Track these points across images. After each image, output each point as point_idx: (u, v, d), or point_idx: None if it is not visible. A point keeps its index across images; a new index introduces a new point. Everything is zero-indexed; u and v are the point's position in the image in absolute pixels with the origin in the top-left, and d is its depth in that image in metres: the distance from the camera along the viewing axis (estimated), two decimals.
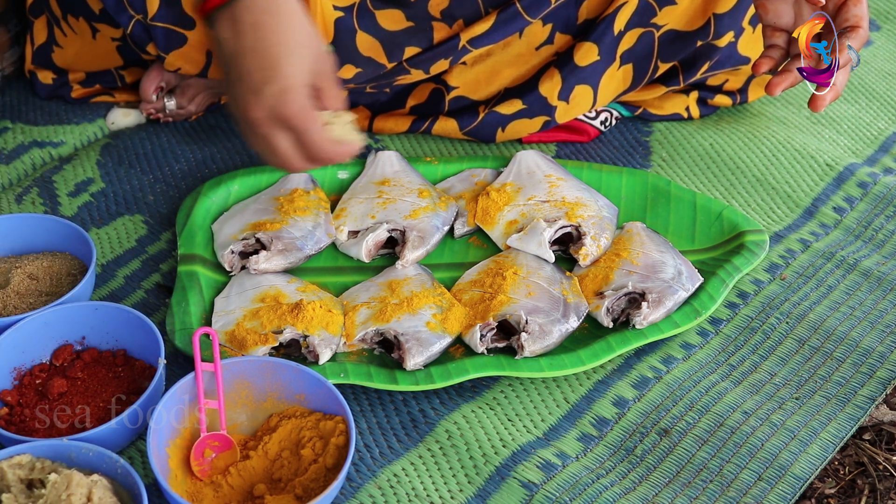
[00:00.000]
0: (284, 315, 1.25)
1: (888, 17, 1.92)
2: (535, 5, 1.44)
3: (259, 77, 1.12)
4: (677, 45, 1.51)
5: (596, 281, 1.33)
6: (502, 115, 1.53)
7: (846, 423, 1.21)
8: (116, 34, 1.52)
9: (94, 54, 1.57)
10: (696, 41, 1.50)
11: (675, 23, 1.49)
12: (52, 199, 1.49)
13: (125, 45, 1.53)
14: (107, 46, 1.54)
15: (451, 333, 1.27)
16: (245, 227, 1.38)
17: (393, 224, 1.38)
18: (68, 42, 1.56)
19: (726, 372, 1.27)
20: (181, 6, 1.40)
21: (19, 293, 1.27)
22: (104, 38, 1.53)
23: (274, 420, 1.16)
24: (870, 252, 1.43)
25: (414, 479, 1.15)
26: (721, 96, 1.63)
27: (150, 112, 1.59)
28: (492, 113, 1.53)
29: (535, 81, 1.52)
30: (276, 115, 1.13)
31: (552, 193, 1.42)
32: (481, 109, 1.53)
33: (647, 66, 1.52)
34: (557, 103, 1.52)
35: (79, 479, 1.02)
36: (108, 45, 1.54)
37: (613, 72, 1.51)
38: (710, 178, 1.54)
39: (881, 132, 1.65)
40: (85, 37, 1.54)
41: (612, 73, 1.51)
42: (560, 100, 1.51)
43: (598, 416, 1.22)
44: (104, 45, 1.54)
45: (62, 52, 1.58)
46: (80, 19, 1.52)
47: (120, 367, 1.22)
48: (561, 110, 1.53)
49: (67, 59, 1.59)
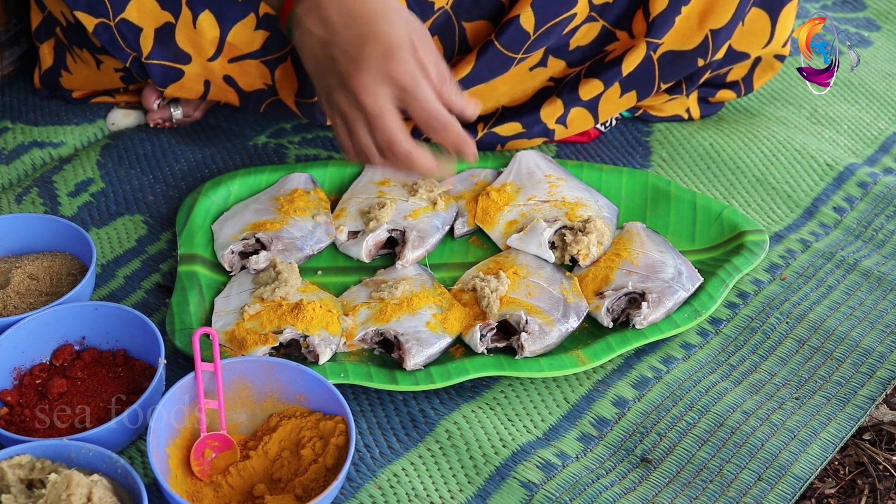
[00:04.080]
0: (284, 315, 1.25)
1: (888, 17, 1.92)
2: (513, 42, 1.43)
3: (358, 44, 1.07)
4: (676, 65, 1.49)
5: (596, 281, 1.33)
6: (501, 135, 1.53)
7: (846, 423, 1.21)
8: (119, 65, 1.53)
9: (99, 82, 1.58)
10: (697, 59, 1.48)
11: (672, 42, 1.47)
12: (52, 199, 1.49)
13: (128, 73, 1.54)
14: (111, 76, 1.56)
15: (451, 333, 1.27)
16: (245, 227, 1.38)
17: (393, 224, 1.38)
18: (77, 69, 1.58)
19: (726, 372, 1.27)
20: (175, 44, 1.41)
21: (19, 293, 1.27)
22: (108, 69, 1.55)
23: (274, 420, 1.16)
24: (870, 252, 1.43)
25: (414, 479, 1.15)
26: (724, 91, 1.62)
27: (157, 122, 1.60)
28: (490, 133, 1.53)
29: (535, 106, 1.52)
30: (382, 75, 1.07)
31: (552, 193, 1.42)
32: (480, 128, 1.53)
33: (649, 89, 1.51)
34: (556, 126, 1.52)
35: (79, 479, 1.02)
36: (112, 74, 1.55)
37: (615, 98, 1.51)
38: (710, 178, 1.54)
39: (881, 132, 1.65)
40: (90, 66, 1.56)
41: (614, 99, 1.51)
42: (558, 123, 1.52)
43: (598, 416, 1.22)
44: (108, 73, 1.56)
45: (71, 78, 1.59)
46: (84, 51, 1.53)
47: (120, 367, 1.22)
48: (559, 132, 1.53)
49: (75, 84, 1.60)
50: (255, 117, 1.63)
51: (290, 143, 1.59)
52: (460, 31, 1.45)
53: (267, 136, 1.61)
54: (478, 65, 1.44)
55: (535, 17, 1.41)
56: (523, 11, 1.40)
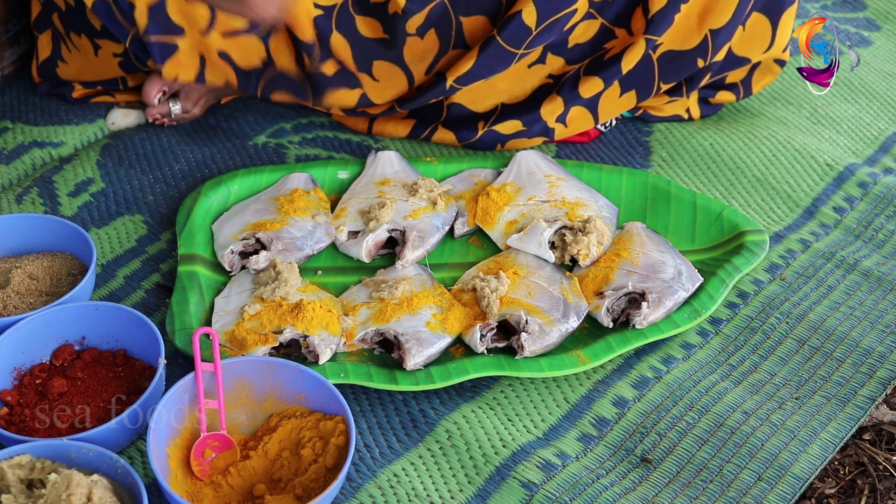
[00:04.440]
0: (284, 315, 1.25)
1: (888, 17, 1.92)
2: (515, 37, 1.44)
3: None
4: (677, 64, 1.49)
5: (596, 281, 1.33)
6: (501, 133, 1.54)
7: (846, 423, 1.21)
8: (118, 49, 1.53)
9: (96, 70, 1.59)
10: (697, 60, 1.49)
11: (671, 42, 1.48)
12: (52, 199, 1.49)
13: (127, 59, 1.54)
14: (109, 62, 1.56)
15: (451, 333, 1.27)
16: (245, 227, 1.38)
17: (393, 224, 1.38)
18: (72, 58, 1.58)
19: (726, 372, 1.27)
20: (167, 16, 1.42)
21: (19, 293, 1.27)
22: (106, 54, 1.55)
23: (274, 420, 1.16)
24: (870, 252, 1.43)
25: (414, 479, 1.15)
26: (723, 93, 1.62)
27: (155, 118, 1.60)
28: (491, 131, 1.53)
29: (535, 104, 1.52)
30: None
31: (552, 193, 1.42)
32: (480, 125, 1.54)
33: (649, 89, 1.51)
34: (556, 125, 1.52)
35: (79, 479, 1.02)
36: (111, 60, 1.56)
37: (615, 97, 1.51)
38: (710, 178, 1.54)
39: (881, 132, 1.65)
40: (87, 53, 1.56)
41: (614, 98, 1.51)
42: (558, 122, 1.52)
43: (598, 416, 1.22)
44: (106, 60, 1.56)
45: (66, 67, 1.60)
46: (82, 36, 1.53)
47: (120, 367, 1.22)
48: (559, 131, 1.53)
49: (72, 73, 1.60)
50: (256, 117, 1.63)
51: (290, 143, 1.59)
52: (457, 25, 1.46)
53: (267, 136, 1.61)
54: (479, 60, 1.45)
55: (536, 13, 1.42)
56: (525, 7, 1.41)
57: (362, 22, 1.46)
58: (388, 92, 1.50)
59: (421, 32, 1.46)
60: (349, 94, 1.49)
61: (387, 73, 1.49)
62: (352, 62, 1.47)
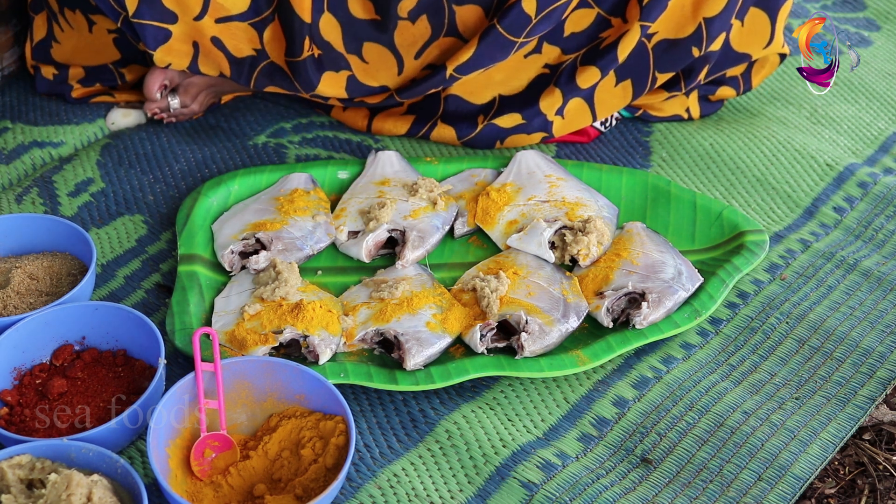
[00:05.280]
0: (284, 315, 1.25)
1: (888, 17, 1.92)
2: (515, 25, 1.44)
3: None
4: (672, 53, 1.50)
5: (596, 281, 1.33)
6: (501, 127, 1.54)
7: (846, 423, 1.21)
8: (112, 26, 1.53)
9: (91, 49, 1.58)
10: (691, 48, 1.50)
11: (666, 30, 1.48)
12: (52, 199, 1.49)
13: (122, 37, 1.54)
14: (104, 39, 1.56)
15: (451, 333, 1.27)
16: (245, 227, 1.38)
17: (393, 224, 1.38)
18: (66, 37, 1.57)
19: (726, 372, 1.27)
20: (161, 3, 1.42)
21: (19, 293, 1.27)
22: (101, 31, 1.54)
23: (274, 420, 1.16)
24: (870, 252, 1.43)
25: (414, 479, 1.15)
26: (723, 88, 1.62)
27: (154, 112, 1.59)
28: (490, 126, 1.54)
29: (534, 97, 1.53)
30: None
31: (552, 193, 1.42)
32: (480, 119, 1.54)
33: (644, 79, 1.52)
34: (555, 118, 1.53)
35: (79, 479, 1.02)
36: (105, 37, 1.55)
37: (610, 87, 1.52)
38: (710, 178, 1.54)
39: (881, 132, 1.65)
40: (82, 31, 1.55)
41: (609, 88, 1.52)
42: (557, 115, 1.52)
43: (598, 416, 1.22)
44: (101, 37, 1.55)
45: (60, 48, 1.59)
46: (76, 12, 1.53)
47: (120, 367, 1.22)
48: (558, 125, 1.54)
49: (66, 54, 1.60)
50: (256, 117, 1.63)
51: (290, 143, 1.59)
52: (450, 13, 1.47)
53: (267, 136, 1.61)
54: (479, 50, 1.46)
55: (536, 1, 1.42)
56: None
57: (355, 2, 1.47)
58: (378, 75, 1.50)
59: (413, 17, 1.47)
60: (335, 78, 1.49)
61: (377, 56, 1.49)
62: (340, 43, 1.47)
